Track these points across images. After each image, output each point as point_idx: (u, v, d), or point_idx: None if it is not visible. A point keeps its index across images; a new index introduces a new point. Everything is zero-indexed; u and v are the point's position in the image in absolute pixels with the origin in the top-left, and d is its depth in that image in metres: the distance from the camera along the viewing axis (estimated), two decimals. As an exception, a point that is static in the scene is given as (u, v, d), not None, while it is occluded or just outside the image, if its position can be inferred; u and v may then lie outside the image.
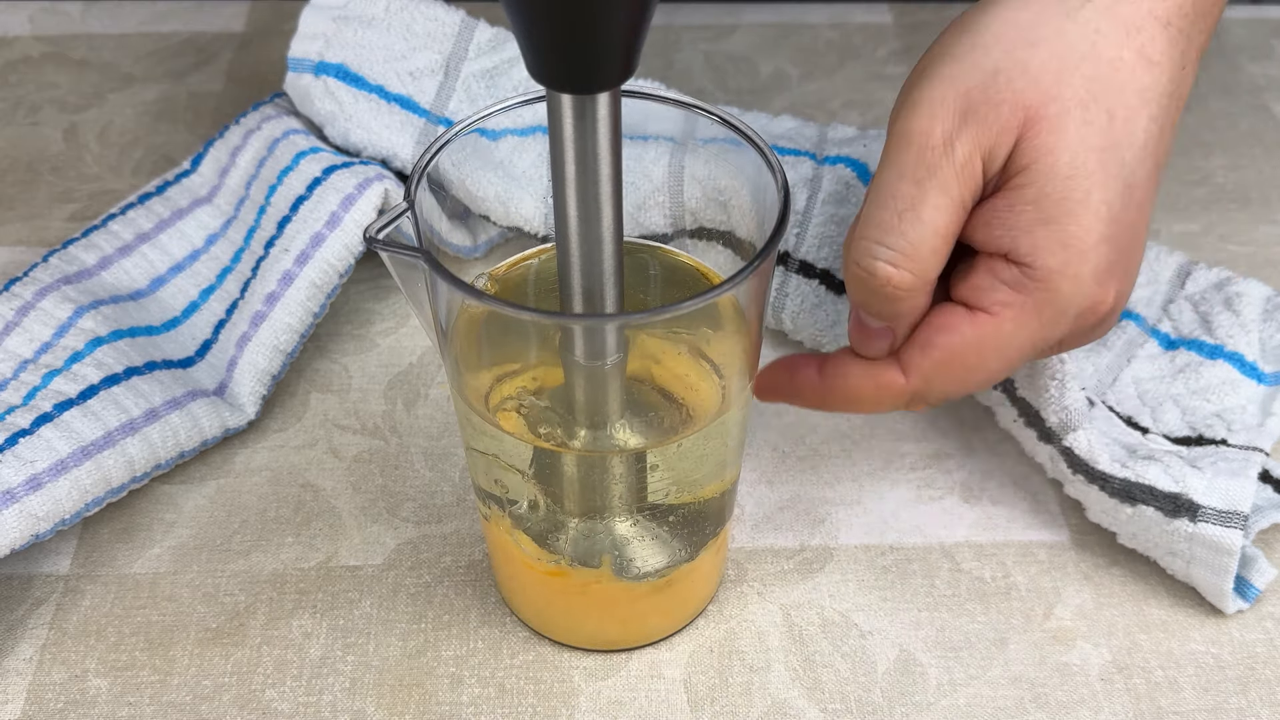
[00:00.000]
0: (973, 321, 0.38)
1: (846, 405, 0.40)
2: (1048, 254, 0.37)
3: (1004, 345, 0.38)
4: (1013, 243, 0.37)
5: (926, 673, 0.43)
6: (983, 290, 0.38)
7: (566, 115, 0.32)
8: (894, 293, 0.37)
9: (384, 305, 0.56)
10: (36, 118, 0.66)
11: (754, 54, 0.71)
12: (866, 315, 0.39)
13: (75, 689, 0.42)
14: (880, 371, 0.39)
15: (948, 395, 0.39)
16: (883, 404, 0.40)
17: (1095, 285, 0.37)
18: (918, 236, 0.37)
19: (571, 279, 0.35)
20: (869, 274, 0.37)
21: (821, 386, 0.40)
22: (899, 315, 0.38)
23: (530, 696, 0.42)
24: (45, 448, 0.44)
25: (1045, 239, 0.37)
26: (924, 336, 0.39)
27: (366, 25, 0.56)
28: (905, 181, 0.37)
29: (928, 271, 0.37)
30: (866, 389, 0.39)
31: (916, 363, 0.39)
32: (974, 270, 0.38)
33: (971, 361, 0.38)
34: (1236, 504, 0.43)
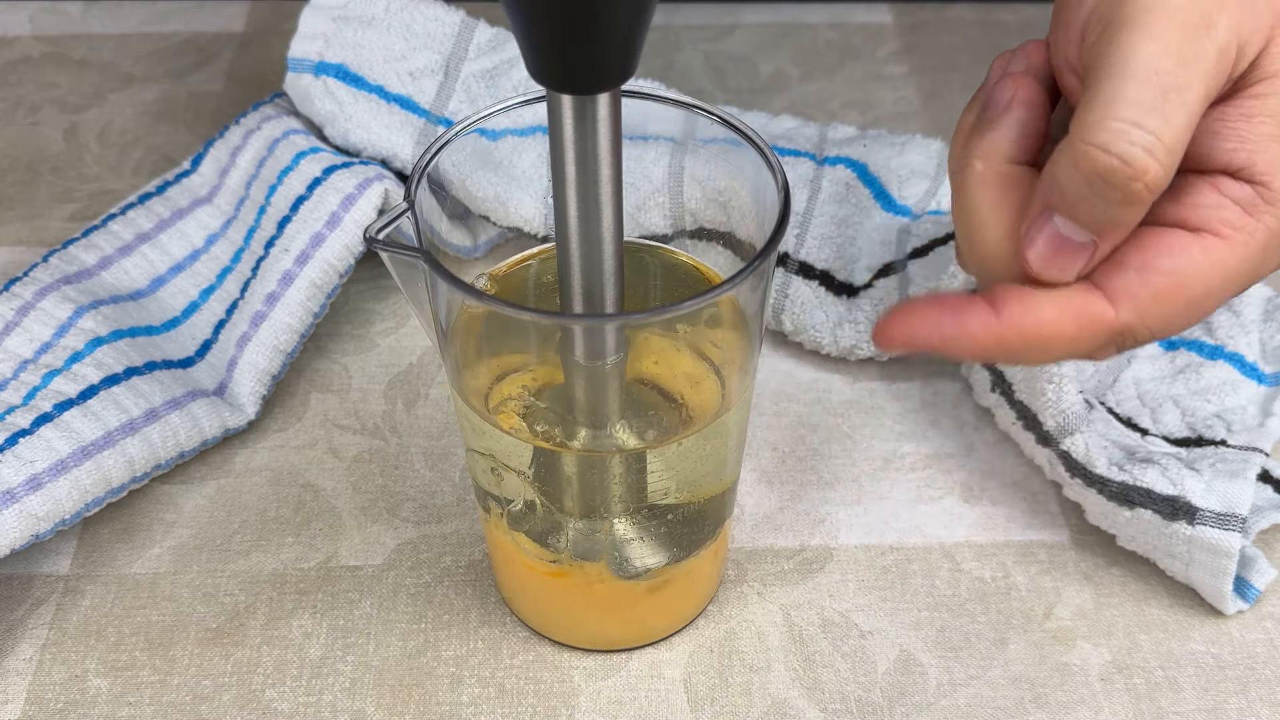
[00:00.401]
0: (1202, 244, 0.33)
1: (1033, 350, 0.33)
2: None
3: (1232, 274, 0.33)
4: (1249, 158, 0.33)
5: (926, 673, 0.43)
6: (1209, 210, 0.33)
7: (566, 116, 0.32)
8: (1139, 191, 0.31)
9: (384, 305, 0.56)
10: (36, 118, 0.66)
11: (754, 54, 0.71)
12: (1071, 224, 0.32)
13: (75, 689, 0.42)
14: (1082, 301, 0.33)
15: (1156, 335, 0.33)
16: (1079, 346, 0.33)
17: None
18: (1179, 124, 0.31)
19: (571, 279, 0.35)
20: (1124, 161, 0.31)
21: (1000, 328, 0.33)
22: (1121, 224, 0.32)
23: (530, 696, 0.42)
24: (45, 448, 0.44)
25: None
26: (1141, 259, 0.33)
27: (366, 25, 0.56)
28: (1169, 58, 0.31)
29: (1174, 169, 0.31)
30: (1065, 325, 0.33)
31: (1133, 290, 0.32)
32: (1194, 187, 0.33)
33: (1196, 291, 0.33)
34: (1234, 506, 0.43)
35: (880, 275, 0.52)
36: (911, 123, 0.66)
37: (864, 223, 0.53)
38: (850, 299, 0.53)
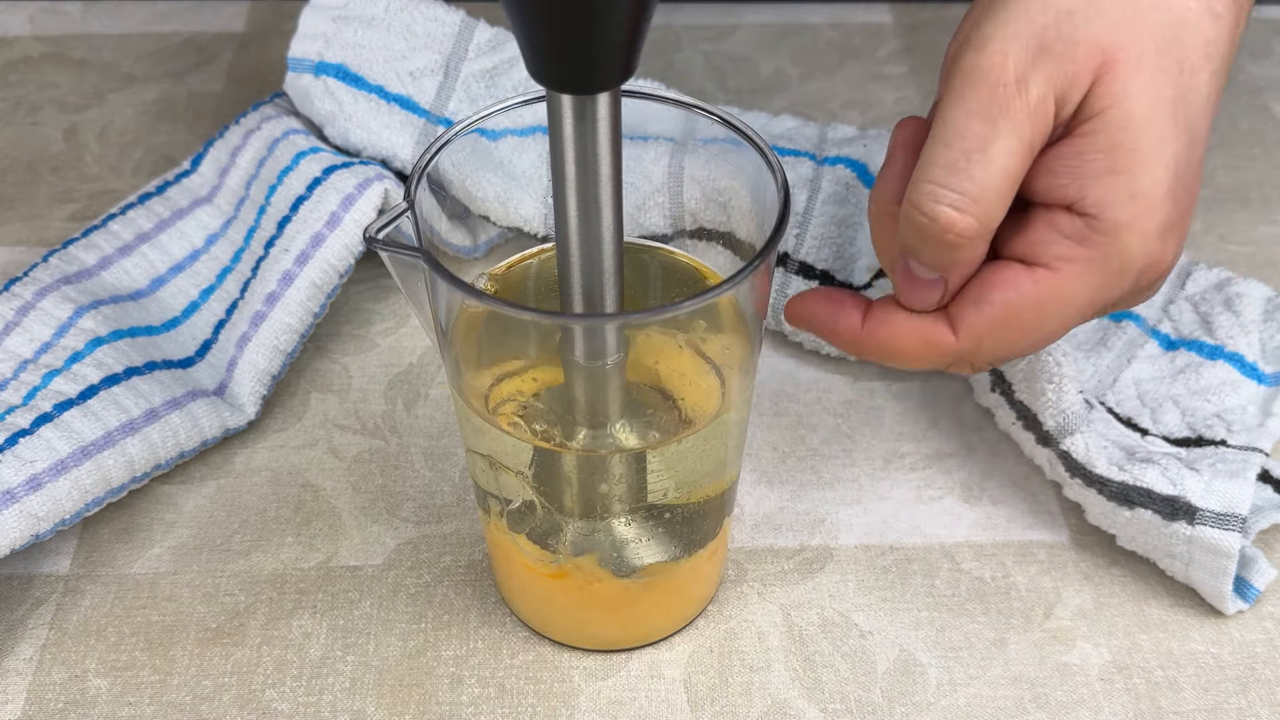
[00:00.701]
0: (1032, 278, 0.35)
1: (885, 357, 0.38)
2: (1117, 206, 0.34)
3: (1065, 303, 0.36)
4: (1080, 192, 0.35)
5: (926, 673, 0.43)
6: (1042, 244, 0.35)
7: (566, 116, 0.32)
8: (955, 240, 0.35)
9: (384, 305, 0.56)
10: (36, 118, 0.66)
11: (754, 54, 0.71)
12: (918, 265, 0.36)
13: (75, 689, 0.42)
14: (929, 327, 0.37)
15: (997, 358, 0.37)
16: (926, 361, 0.37)
17: (1159, 242, 0.35)
18: (986, 179, 0.34)
19: (571, 279, 0.35)
20: (930, 219, 0.35)
21: (862, 333, 0.38)
22: (955, 265, 0.36)
23: (530, 696, 0.42)
24: (45, 448, 0.44)
25: (1115, 190, 0.34)
26: (978, 293, 0.36)
27: (366, 25, 0.56)
28: (975, 119, 0.34)
29: (993, 218, 0.35)
30: (911, 344, 0.37)
31: (970, 321, 0.36)
32: (1031, 223, 0.36)
33: (1029, 321, 0.36)
34: (1234, 506, 0.43)
35: (880, 275, 0.52)
36: (911, 123, 0.66)
37: (864, 223, 0.53)
38: (850, 299, 0.53)
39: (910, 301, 0.37)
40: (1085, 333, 0.52)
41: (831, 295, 0.38)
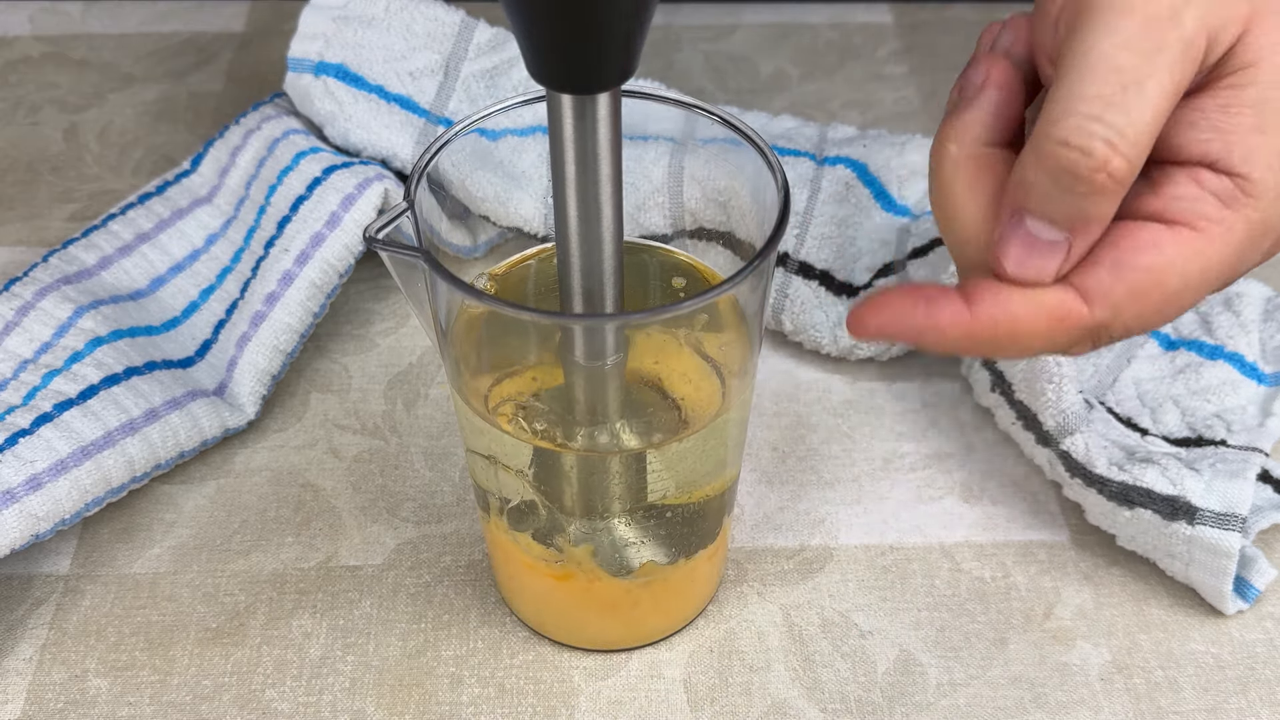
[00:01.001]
0: (1174, 237, 0.32)
1: (1002, 345, 0.33)
2: (1265, 166, 0.32)
3: (1208, 268, 0.32)
4: (1225, 149, 0.32)
5: (926, 673, 0.43)
6: (1185, 202, 0.32)
7: (567, 116, 0.32)
8: (1104, 182, 0.31)
9: (384, 305, 0.56)
10: (36, 118, 0.66)
11: (754, 54, 0.71)
12: (1042, 221, 0.32)
13: (75, 689, 0.42)
14: (1056, 299, 0.32)
15: (1130, 331, 0.33)
16: (1054, 342, 0.33)
17: None
18: (1141, 117, 0.31)
19: (571, 279, 0.35)
20: (1085, 153, 0.31)
21: (972, 322, 0.32)
22: (1092, 219, 0.32)
23: (530, 696, 0.42)
24: (45, 448, 0.44)
25: (1262, 149, 0.32)
26: (1114, 256, 0.32)
27: (366, 25, 0.56)
28: (1129, 52, 0.31)
29: (1139, 166, 0.31)
30: (1037, 323, 0.32)
31: (1107, 288, 0.32)
32: (1171, 179, 0.33)
33: (1172, 287, 0.32)
34: (1234, 506, 0.43)
35: (880, 275, 0.52)
36: (911, 123, 0.66)
37: (864, 223, 0.53)
38: (850, 299, 0.53)
39: (1024, 270, 0.33)
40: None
41: (914, 291, 0.33)
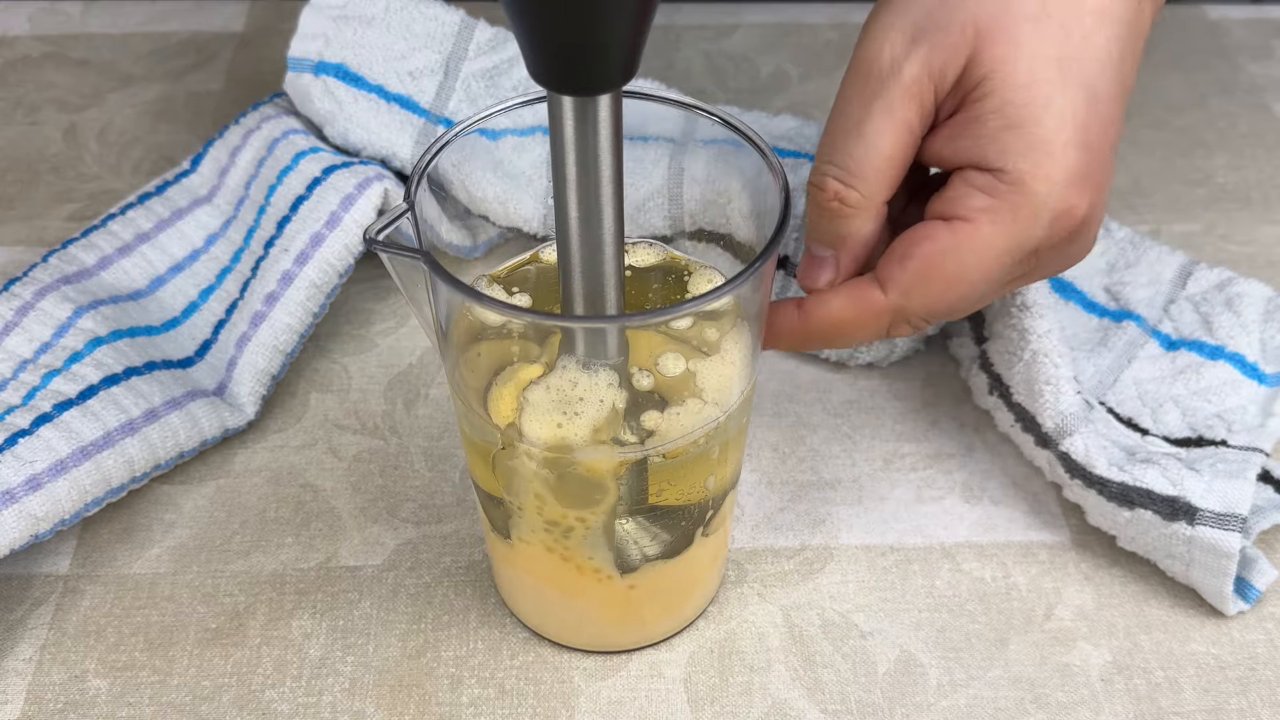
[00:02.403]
0: (949, 229, 0.38)
1: (830, 337, 0.40)
2: (1017, 156, 0.37)
3: (982, 250, 0.38)
4: (980, 150, 0.38)
5: (927, 673, 0.43)
6: (957, 199, 0.38)
7: (567, 117, 0.31)
8: (839, 209, 0.39)
9: (384, 305, 0.56)
10: (36, 118, 0.66)
11: (754, 54, 0.71)
12: (816, 244, 0.40)
13: (75, 689, 0.42)
14: (859, 291, 0.39)
15: (930, 312, 0.39)
16: (865, 327, 0.40)
17: (1067, 188, 0.37)
18: (862, 154, 0.38)
19: (572, 280, 0.35)
20: (818, 188, 0.39)
21: (801, 323, 0.40)
22: (845, 237, 0.39)
23: (530, 697, 0.42)
24: (45, 448, 0.44)
25: (1013, 142, 0.37)
26: (901, 249, 0.39)
27: (366, 25, 0.56)
28: (852, 103, 0.39)
29: (874, 191, 0.38)
30: (848, 313, 0.39)
31: (895, 276, 0.39)
32: (949, 184, 0.39)
33: (951, 270, 0.38)
34: (1234, 506, 0.43)
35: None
36: (912, 123, 0.66)
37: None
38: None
39: (806, 280, 0.40)
40: (1086, 332, 0.52)
41: (770, 305, 0.41)
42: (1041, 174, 0.37)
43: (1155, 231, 0.59)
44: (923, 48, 0.38)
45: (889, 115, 0.38)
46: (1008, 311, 0.47)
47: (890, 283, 0.39)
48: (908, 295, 0.39)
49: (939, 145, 0.39)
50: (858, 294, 0.39)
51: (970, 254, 0.38)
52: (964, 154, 0.38)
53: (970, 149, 0.38)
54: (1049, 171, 0.37)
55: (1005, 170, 0.37)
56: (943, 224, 0.38)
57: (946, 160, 0.39)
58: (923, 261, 0.38)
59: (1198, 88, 0.69)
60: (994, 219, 0.38)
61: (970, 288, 0.39)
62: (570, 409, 0.36)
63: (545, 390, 0.36)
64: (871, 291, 0.39)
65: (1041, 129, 0.37)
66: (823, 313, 0.40)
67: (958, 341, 0.52)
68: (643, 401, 0.37)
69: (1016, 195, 0.37)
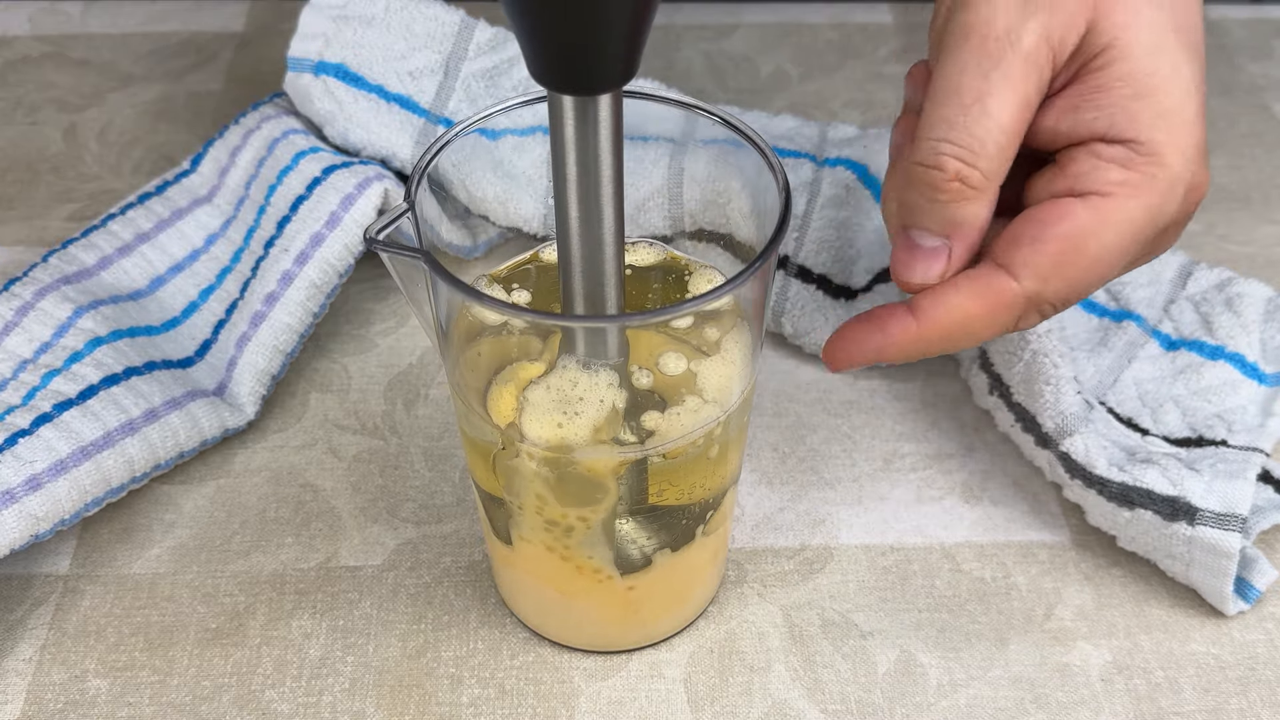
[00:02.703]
0: (1087, 205, 0.35)
1: (956, 338, 0.37)
2: (1151, 127, 0.35)
3: (1123, 226, 0.35)
4: (1110, 120, 0.35)
5: (927, 673, 0.43)
6: (1089, 173, 0.36)
7: (568, 117, 0.31)
8: (960, 190, 0.35)
9: (384, 305, 0.56)
10: (36, 118, 0.66)
11: (754, 54, 0.71)
12: (920, 231, 0.36)
13: (75, 689, 0.42)
14: (986, 282, 0.36)
15: (1068, 297, 0.36)
16: (996, 322, 0.36)
17: (1198, 161, 0.36)
18: (984, 131, 0.35)
19: (572, 280, 0.35)
20: (938, 168, 0.35)
21: (920, 328, 0.37)
22: (961, 223, 0.36)
23: (530, 697, 0.42)
24: (44, 448, 0.44)
25: (1143, 111, 0.35)
26: (1034, 232, 0.36)
27: (366, 25, 0.56)
28: (969, 75, 0.35)
29: (995, 171, 0.35)
30: (975, 307, 0.36)
31: (1031, 261, 0.35)
32: (1072, 159, 0.36)
33: (1092, 250, 0.35)
34: (1234, 506, 0.43)
35: (880, 280, 0.52)
36: (911, 123, 0.66)
37: (864, 225, 0.53)
38: (849, 302, 0.53)
39: (910, 275, 0.37)
40: (1086, 332, 0.52)
41: (866, 318, 0.38)
42: (1177, 145, 0.35)
43: (1155, 231, 0.59)
44: (1040, 14, 0.35)
45: (1011, 88, 0.35)
46: None
47: (1024, 268, 0.35)
48: (1046, 281, 0.36)
49: (1055, 118, 0.36)
50: (983, 285, 0.36)
51: (1112, 230, 0.35)
52: (1087, 127, 0.36)
53: (1096, 120, 0.35)
54: (1182, 143, 0.35)
55: (1140, 141, 0.35)
56: (1078, 201, 0.35)
57: (1064, 134, 0.36)
58: (1063, 242, 0.35)
59: (1198, 88, 0.69)
60: (1134, 192, 0.35)
61: (1109, 268, 0.36)
62: (570, 409, 0.36)
63: (545, 390, 0.36)
64: (1001, 280, 0.36)
65: (1170, 99, 0.35)
66: (942, 312, 0.36)
67: (958, 341, 0.52)
68: (643, 401, 0.37)
69: (1154, 167, 0.35)
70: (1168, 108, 0.35)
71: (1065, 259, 0.36)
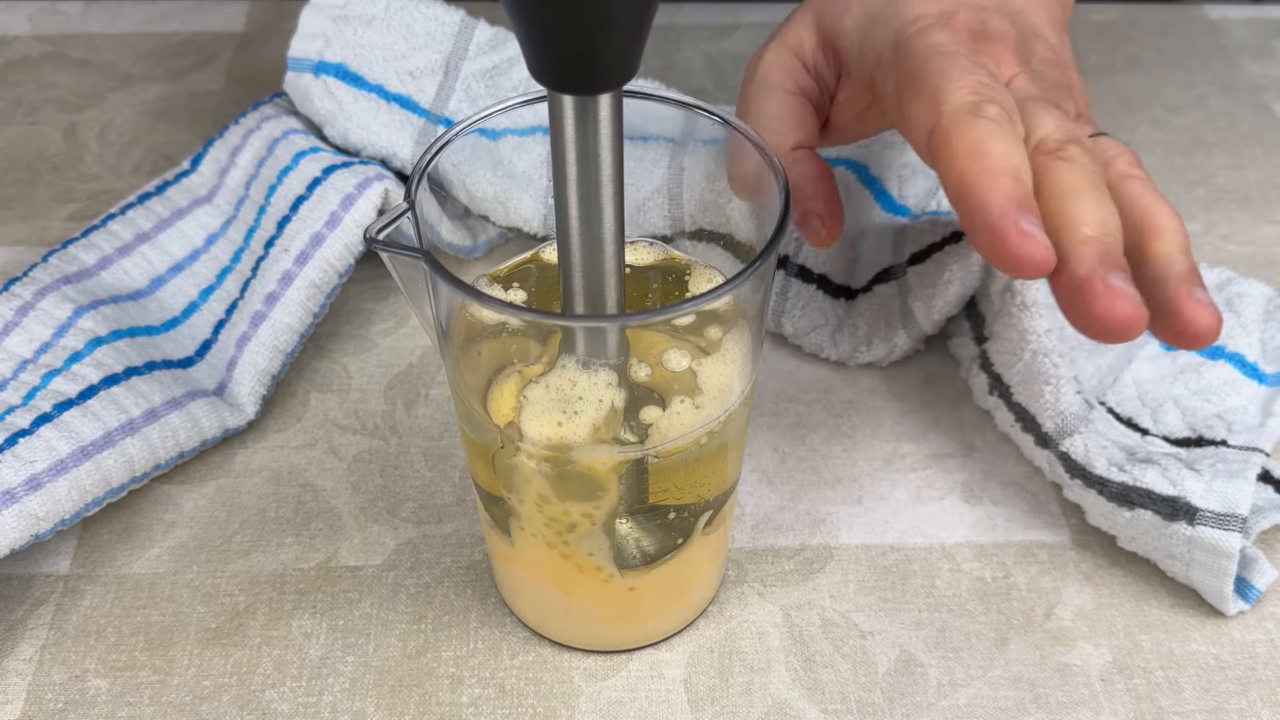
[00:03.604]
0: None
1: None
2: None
3: None
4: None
5: (927, 673, 0.43)
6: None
7: (568, 116, 0.31)
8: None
9: (384, 305, 0.56)
10: (36, 118, 0.66)
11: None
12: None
13: (75, 689, 0.42)
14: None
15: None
16: (991, 83, 0.37)
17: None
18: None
19: (573, 280, 0.35)
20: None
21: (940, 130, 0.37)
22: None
23: (530, 697, 0.42)
24: (45, 448, 0.44)
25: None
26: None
27: (366, 25, 0.56)
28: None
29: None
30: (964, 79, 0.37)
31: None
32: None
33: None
34: (1234, 506, 0.43)
35: (879, 280, 0.52)
36: (911, 123, 0.66)
37: (864, 224, 0.53)
38: (849, 302, 0.53)
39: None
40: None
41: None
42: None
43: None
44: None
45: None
46: (1007, 311, 0.48)
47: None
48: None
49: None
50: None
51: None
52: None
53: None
54: None
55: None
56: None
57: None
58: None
59: (1198, 88, 0.69)
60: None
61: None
62: (570, 408, 0.36)
63: (545, 389, 0.36)
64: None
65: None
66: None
67: (958, 341, 0.52)
68: (643, 400, 0.37)
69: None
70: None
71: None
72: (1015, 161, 0.35)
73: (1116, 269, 0.34)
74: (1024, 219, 0.33)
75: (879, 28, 0.42)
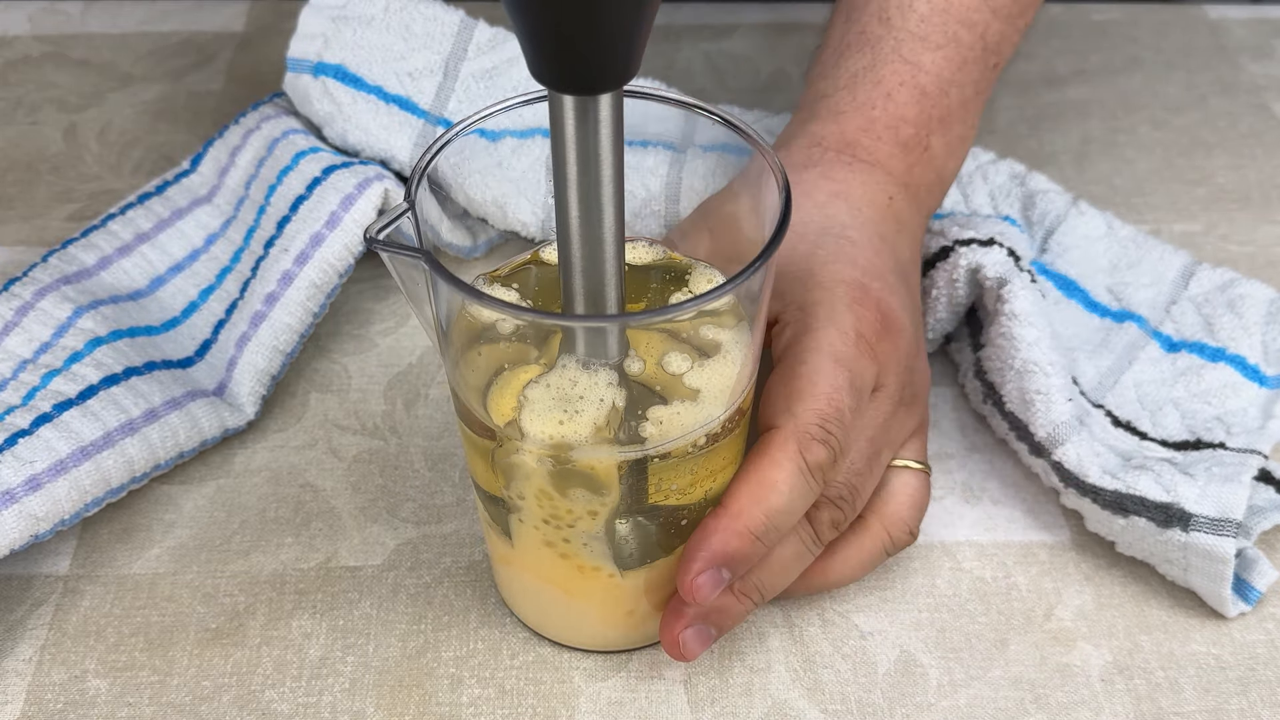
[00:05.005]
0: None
1: (772, 512, 0.39)
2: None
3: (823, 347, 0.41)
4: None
5: (927, 673, 0.43)
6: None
7: (568, 116, 0.31)
8: None
9: (384, 305, 0.56)
10: (36, 118, 0.66)
11: (754, 54, 0.71)
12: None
13: (75, 689, 0.42)
14: (760, 447, 0.39)
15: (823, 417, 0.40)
16: (795, 482, 0.39)
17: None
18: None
19: (573, 280, 0.35)
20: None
21: (729, 519, 0.39)
22: None
23: (530, 697, 0.42)
24: (44, 448, 0.43)
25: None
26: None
27: (365, 25, 0.56)
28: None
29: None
30: (768, 476, 0.39)
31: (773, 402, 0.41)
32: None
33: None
34: (1229, 511, 0.42)
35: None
36: (912, 123, 0.66)
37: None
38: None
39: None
40: (1087, 333, 0.52)
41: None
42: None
43: (1155, 231, 0.59)
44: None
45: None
46: (998, 320, 0.47)
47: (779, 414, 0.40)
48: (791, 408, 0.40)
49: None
50: (759, 449, 0.39)
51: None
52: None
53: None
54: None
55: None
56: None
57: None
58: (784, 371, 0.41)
59: (1198, 88, 0.69)
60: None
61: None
62: (570, 408, 0.36)
63: (545, 389, 0.36)
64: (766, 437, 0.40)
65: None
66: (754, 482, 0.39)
67: (956, 346, 0.52)
68: (644, 400, 0.37)
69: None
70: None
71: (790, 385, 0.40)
72: (775, 538, 0.39)
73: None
74: (724, 570, 0.38)
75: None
